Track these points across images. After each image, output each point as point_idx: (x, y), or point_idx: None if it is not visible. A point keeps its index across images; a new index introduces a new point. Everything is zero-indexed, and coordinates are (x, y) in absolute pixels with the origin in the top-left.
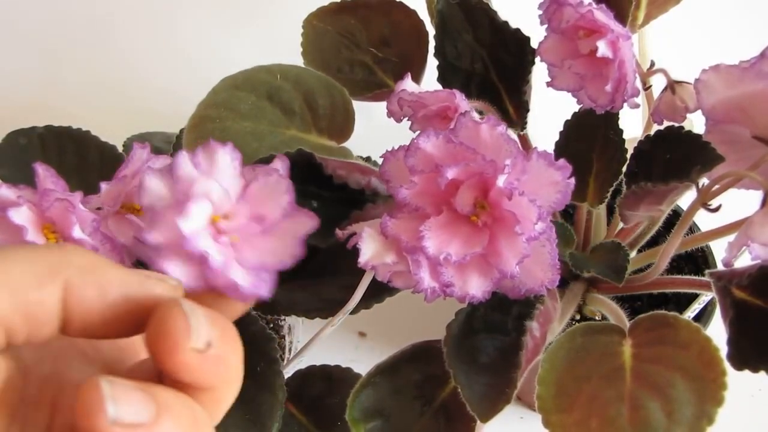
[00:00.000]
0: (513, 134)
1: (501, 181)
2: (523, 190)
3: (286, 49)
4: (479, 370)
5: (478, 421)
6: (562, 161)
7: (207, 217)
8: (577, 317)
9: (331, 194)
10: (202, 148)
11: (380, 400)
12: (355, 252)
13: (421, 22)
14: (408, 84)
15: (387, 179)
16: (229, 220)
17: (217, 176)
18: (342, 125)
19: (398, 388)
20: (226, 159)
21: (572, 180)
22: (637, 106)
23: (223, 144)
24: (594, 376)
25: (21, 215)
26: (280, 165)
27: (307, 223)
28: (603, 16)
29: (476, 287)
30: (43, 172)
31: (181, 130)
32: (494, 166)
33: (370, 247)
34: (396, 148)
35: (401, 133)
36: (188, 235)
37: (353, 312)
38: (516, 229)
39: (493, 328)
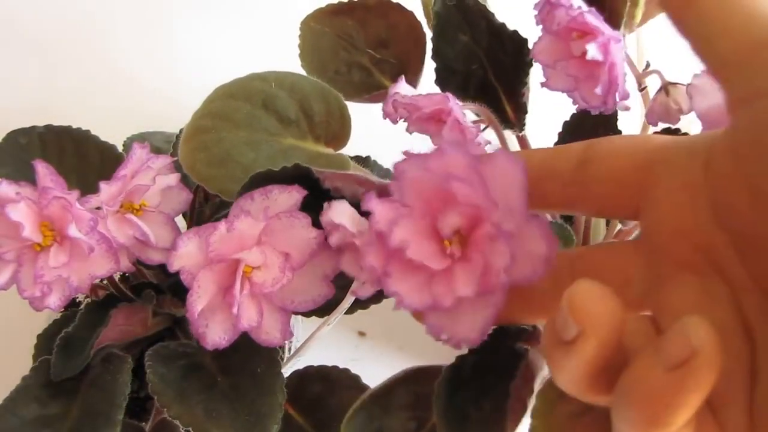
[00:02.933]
0: (511, 135)
1: (494, 218)
2: (509, 236)
3: (285, 50)
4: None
5: None
6: (553, 237)
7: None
8: None
9: None
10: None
11: (374, 424)
12: None
13: (418, 24)
14: (402, 87)
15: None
16: (261, 271)
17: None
18: (338, 132)
19: (391, 411)
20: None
21: (552, 259)
22: (628, 108)
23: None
24: (587, 415)
25: (18, 212)
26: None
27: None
28: (593, 18)
29: (409, 294)
30: (43, 170)
31: (181, 130)
32: (495, 207)
33: (340, 210)
34: (415, 151)
35: (400, 134)
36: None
37: (350, 312)
38: (474, 272)
39: (484, 380)
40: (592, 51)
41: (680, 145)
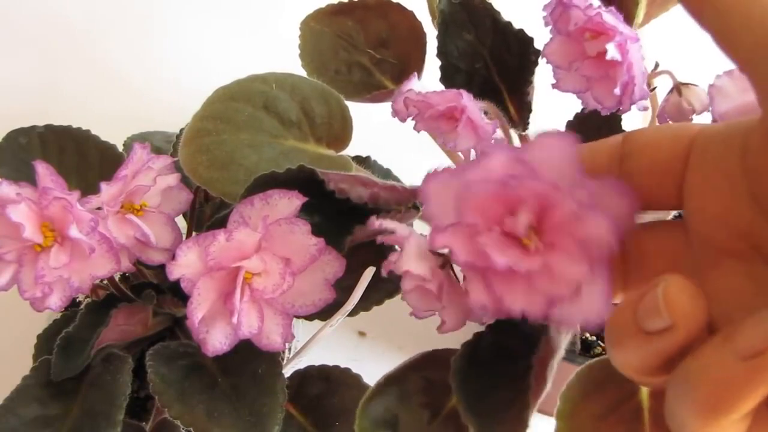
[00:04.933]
0: (514, 134)
1: (572, 197)
2: (593, 204)
3: (285, 50)
4: (490, 407)
5: None
6: (629, 188)
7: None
8: None
9: (333, 207)
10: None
11: (389, 410)
12: (355, 254)
13: (419, 23)
14: (415, 84)
15: (427, 199)
16: (262, 277)
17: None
18: (340, 133)
19: (406, 396)
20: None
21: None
22: (646, 108)
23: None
24: (611, 415)
25: (19, 213)
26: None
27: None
28: (611, 18)
29: (528, 304)
30: (43, 170)
31: (182, 130)
32: (558, 190)
33: (411, 254)
34: (441, 169)
35: (400, 134)
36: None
37: (352, 314)
38: (577, 249)
39: (501, 361)
40: (612, 51)
41: (716, 133)
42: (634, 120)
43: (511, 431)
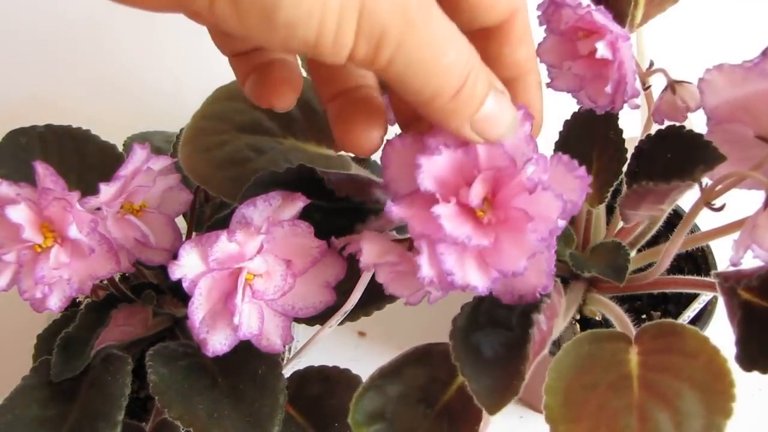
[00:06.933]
0: None
1: (528, 171)
2: (548, 185)
3: None
4: (486, 363)
5: (482, 422)
6: (582, 169)
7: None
8: (577, 317)
9: (333, 206)
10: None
11: (383, 404)
12: (353, 257)
13: None
14: None
15: (386, 165)
16: (263, 279)
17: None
18: None
19: (401, 390)
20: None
21: (588, 190)
22: (637, 106)
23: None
24: (601, 384)
25: (19, 213)
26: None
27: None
28: (601, 17)
29: (477, 278)
30: (43, 170)
31: (182, 130)
32: (514, 163)
33: (371, 249)
34: (400, 135)
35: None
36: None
37: (353, 318)
38: (529, 226)
39: (499, 321)
40: (602, 49)
41: None
42: (631, 118)
43: (506, 385)
